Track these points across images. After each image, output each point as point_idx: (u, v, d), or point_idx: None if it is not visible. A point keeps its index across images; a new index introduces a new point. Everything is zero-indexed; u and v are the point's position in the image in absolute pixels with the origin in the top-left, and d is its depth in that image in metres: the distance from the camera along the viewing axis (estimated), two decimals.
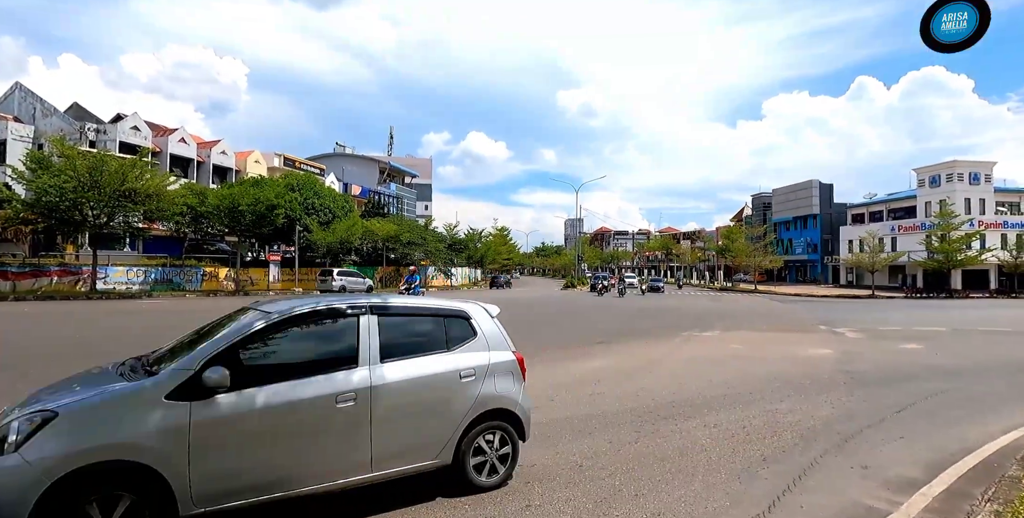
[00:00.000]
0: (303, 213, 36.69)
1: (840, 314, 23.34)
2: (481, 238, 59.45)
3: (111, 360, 4.15)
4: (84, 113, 39.65)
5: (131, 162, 26.54)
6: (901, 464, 4.96)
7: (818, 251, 65.39)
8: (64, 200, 24.51)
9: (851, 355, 11.50)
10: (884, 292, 43.53)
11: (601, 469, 4.68)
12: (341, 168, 63.25)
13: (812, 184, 66.15)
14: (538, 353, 11.14)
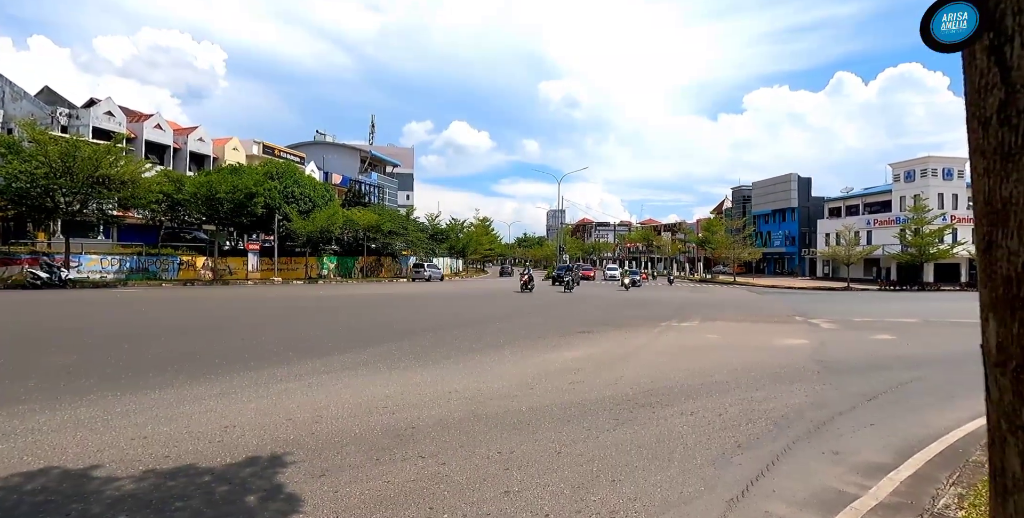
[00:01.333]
0: (283, 202, 36.24)
1: (816, 305, 23.74)
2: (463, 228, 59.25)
3: None
4: (56, 97, 38.64)
5: (105, 148, 25.97)
6: (871, 450, 5.09)
7: (796, 244, 66.32)
8: (35, 186, 23.95)
9: (825, 345, 11.72)
10: (859, 284, 44.34)
11: (579, 456, 4.73)
12: (322, 157, 62.53)
13: (791, 178, 66.93)
14: (519, 341, 11.19)
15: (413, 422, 5.56)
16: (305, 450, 4.69)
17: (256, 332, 11.83)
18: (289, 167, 40.98)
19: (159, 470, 4.18)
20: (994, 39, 0.89)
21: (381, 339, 11.10)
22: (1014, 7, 0.85)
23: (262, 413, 5.77)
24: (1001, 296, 0.91)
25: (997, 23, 0.88)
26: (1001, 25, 0.87)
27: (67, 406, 5.81)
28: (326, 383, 7.23)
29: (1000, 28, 0.88)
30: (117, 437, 4.90)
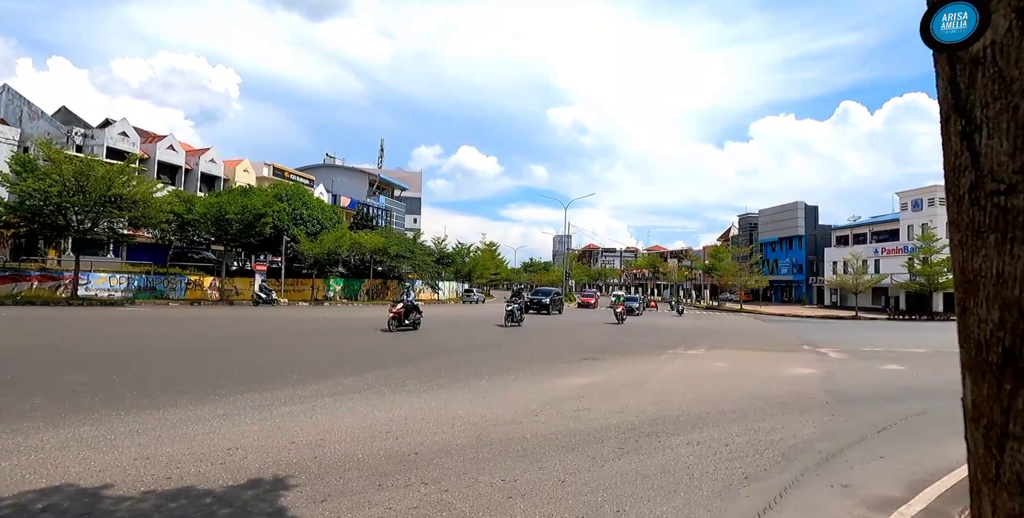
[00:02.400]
0: (291, 223, 36.52)
1: (824, 334, 23.54)
2: (469, 252, 59.40)
3: None
4: (72, 117, 39.40)
5: (118, 168, 26.35)
6: (881, 483, 5.00)
7: (803, 272, 66.06)
8: (48, 204, 24.26)
9: (834, 375, 11.59)
10: (867, 313, 43.98)
11: (583, 485, 4.67)
12: (331, 179, 63.19)
13: (797, 206, 67.03)
14: (524, 368, 11.13)
15: (416, 448, 5.51)
16: (307, 474, 4.65)
17: (260, 353, 11.82)
18: (298, 189, 41.40)
19: (161, 491, 4.15)
20: (965, 126, 0.96)
21: (385, 363, 11.06)
22: (983, 99, 0.93)
23: (265, 435, 5.74)
24: (974, 358, 0.99)
25: (968, 112, 0.96)
26: (971, 115, 0.95)
27: (71, 424, 5.80)
28: (330, 406, 7.20)
29: (970, 117, 0.95)
30: (120, 457, 4.88)
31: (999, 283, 0.91)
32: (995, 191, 0.92)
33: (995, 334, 0.93)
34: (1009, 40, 0.90)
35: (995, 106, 0.92)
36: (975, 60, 0.95)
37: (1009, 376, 0.92)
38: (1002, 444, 0.94)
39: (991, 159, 0.92)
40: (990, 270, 0.93)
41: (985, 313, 0.95)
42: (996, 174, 0.91)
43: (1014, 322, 0.90)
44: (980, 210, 0.94)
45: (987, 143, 0.93)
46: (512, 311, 21.96)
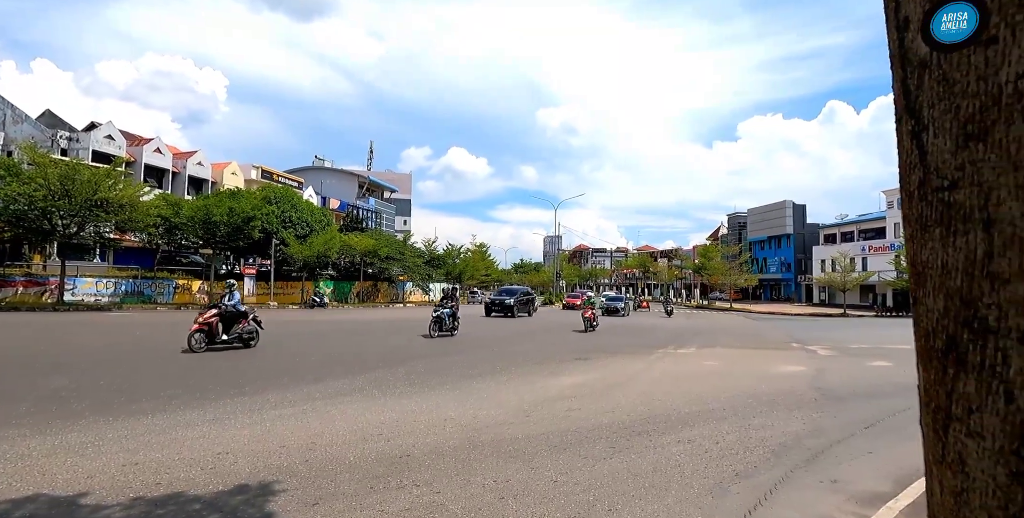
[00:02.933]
0: (280, 226, 36.32)
1: (812, 332, 23.72)
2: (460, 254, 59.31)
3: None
4: (56, 121, 38.99)
5: (104, 171, 26.09)
6: (869, 478, 5.05)
7: (792, 270, 66.53)
8: (33, 209, 23.97)
9: (823, 372, 11.68)
10: (855, 311, 44.38)
11: (575, 484, 4.68)
12: (320, 181, 62.89)
13: (786, 205, 67.50)
14: (515, 368, 11.13)
15: (408, 450, 5.50)
16: (298, 478, 4.63)
17: (249, 357, 11.75)
18: (287, 192, 41.17)
19: (149, 497, 4.12)
20: (915, 126, 1.02)
21: (376, 365, 11.03)
22: (930, 100, 0.99)
23: (255, 440, 5.71)
24: (923, 346, 1.05)
25: (917, 113, 1.02)
26: (920, 115, 1.01)
27: (58, 431, 5.74)
28: (320, 409, 7.17)
29: (919, 117, 1.01)
30: (108, 463, 4.83)
31: (943, 273, 0.97)
32: (939, 187, 0.97)
33: (940, 322, 0.99)
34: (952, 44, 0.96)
35: (940, 107, 0.97)
36: (923, 63, 1.01)
37: (952, 361, 0.97)
38: (947, 426, 1.00)
39: (936, 157, 0.98)
40: (936, 262, 0.99)
41: (932, 303, 1.01)
42: (941, 171, 0.97)
43: (956, 310, 0.95)
44: (927, 205, 1.00)
45: (933, 142, 0.98)
46: (440, 317, 17.50)
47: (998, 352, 0.90)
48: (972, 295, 0.93)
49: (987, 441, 0.92)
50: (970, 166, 0.93)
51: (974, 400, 0.94)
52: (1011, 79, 0.88)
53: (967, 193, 0.94)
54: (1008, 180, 0.88)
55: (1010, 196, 0.88)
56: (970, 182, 0.93)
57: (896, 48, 1.08)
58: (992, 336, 0.90)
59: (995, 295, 0.90)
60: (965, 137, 0.94)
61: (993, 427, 0.91)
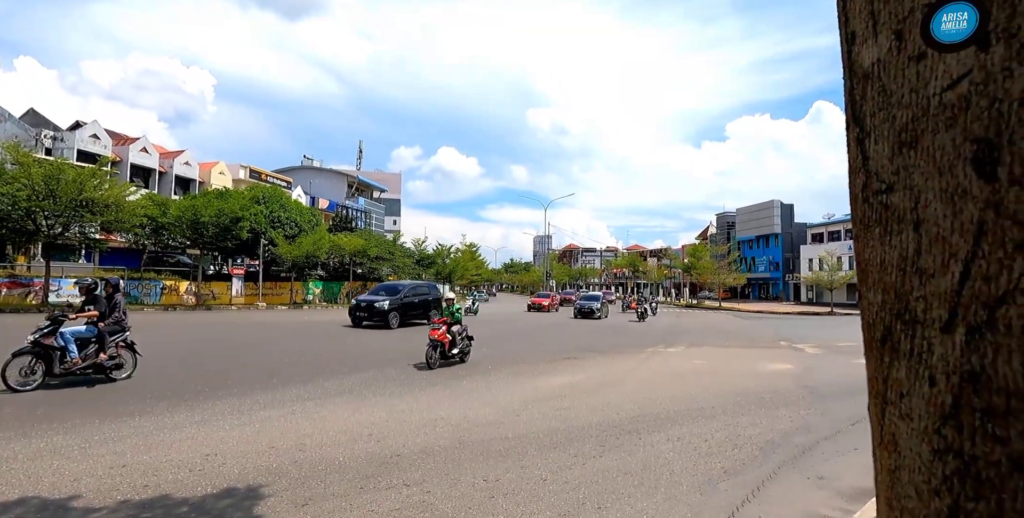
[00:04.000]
0: (268, 226, 36.08)
1: (800, 330, 23.92)
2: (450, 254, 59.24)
3: None
4: (40, 119, 38.50)
5: (90, 171, 25.76)
6: (855, 474, 5.11)
7: (780, 269, 67.02)
8: (17, 209, 23.64)
9: (810, 370, 11.79)
10: (843, 309, 44.76)
11: (565, 483, 4.70)
12: (309, 181, 62.56)
13: (774, 204, 67.97)
14: (504, 367, 11.14)
15: (398, 450, 5.50)
16: (288, 479, 4.62)
17: (239, 357, 11.67)
18: (276, 191, 40.90)
19: (137, 500, 4.09)
20: (859, 133, 1.10)
21: (366, 365, 11.00)
22: (872, 110, 1.06)
23: (244, 441, 5.68)
24: (867, 337, 1.14)
25: (861, 121, 1.09)
26: (863, 123, 1.08)
27: (43, 434, 5.68)
28: (310, 410, 7.14)
29: (863, 125, 1.09)
30: (95, 466, 4.79)
31: (881, 270, 1.06)
32: (879, 190, 1.06)
33: (878, 314, 1.08)
34: (890, 58, 1.03)
35: (880, 116, 1.05)
36: (866, 74, 1.09)
37: (887, 350, 1.06)
38: (883, 410, 1.08)
39: (876, 162, 1.06)
40: (876, 259, 1.07)
41: (872, 296, 1.10)
42: (880, 175, 1.05)
43: (891, 303, 1.04)
44: (869, 207, 1.08)
45: (874, 148, 1.06)
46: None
47: (924, 340, 0.97)
48: (904, 289, 1.01)
49: (914, 422, 0.99)
50: (904, 171, 1.01)
51: (904, 385, 1.02)
52: (937, 92, 0.96)
53: (901, 196, 1.01)
54: (935, 184, 0.96)
55: (936, 198, 0.95)
56: (904, 186, 1.01)
57: (846, 61, 1.16)
58: (919, 326, 0.98)
59: (922, 288, 0.98)
60: (900, 144, 1.01)
61: (919, 409, 0.98)
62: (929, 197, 0.97)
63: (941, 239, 0.95)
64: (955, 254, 0.93)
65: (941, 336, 0.94)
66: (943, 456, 0.94)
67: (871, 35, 1.07)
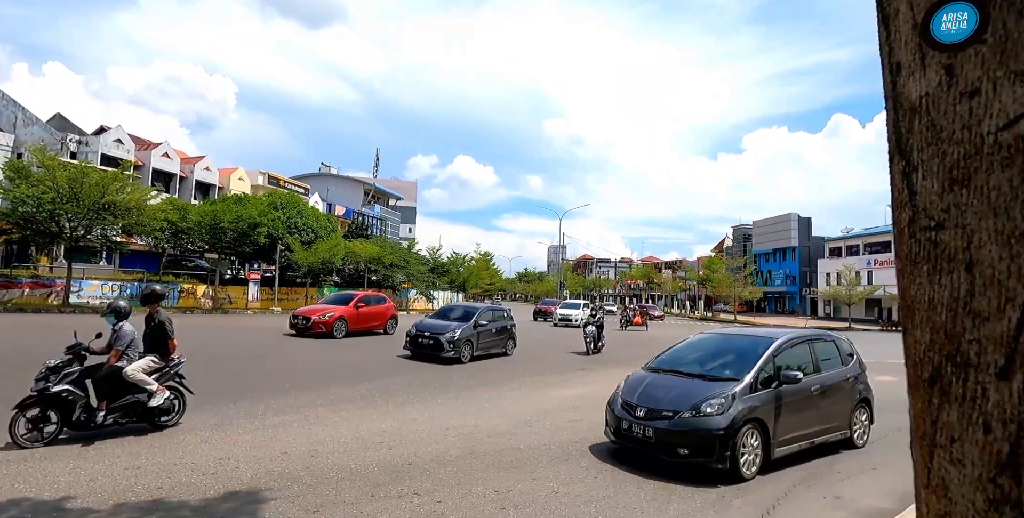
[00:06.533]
0: (285, 232, 36.41)
1: None
2: (464, 263, 59.37)
3: None
4: (67, 124, 39.31)
5: (112, 175, 26.23)
6: (873, 494, 5.01)
7: (797, 283, 66.28)
8: (41, 211, 24.10)
9: None
10: (860, 325, 44.12)
11: (577, 496, 4.66)
12: (326, 188, 63.13)
13: (791, 217, 67.38)
14: (517, 378, 11.10)
15: (409, 458, 5.49)
16: (300, 485, 4.63)
17: (254, 362, 11.74)
18: (293, 198, 41.32)
19: (149, 501, 4.12)
20: (905, 166, 1.08)
21: (378, 373, 11.02)
22: (919, 144, 1.04)
23: (257, 446, 5.70)
24: (912, 376, 1.13)
25: (908, 154, 1.07)
26: (910, 157, 1.06)
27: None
28: (323, 416, 7.16)
29: (909, 159, 1.06)
30: (110, 466, 4.84)
31: (930, 308, 1.03)
32: (927, 227, 1.03)
33: (926, 354, 1.05)
34: (940, 93, 1.01)
35: (928, 151, 1.03)
36: (913, 108, 1.06)
37: (936, 392, 1.03)
38: (932, 453, 1.05)
39: (925, 198, 1.04)
40: (923, 297, 1.04)
41: (920, 335, 1.07)
42: (928, 211, 1.03)
43: (941, 344, 1.01)
44: (916, 243, 1.06)
45: (922, 183, 1.04)
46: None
47: (977, 385, 0.94)
48: (955, 330, 0.98)
49: (967, 468, 0.96)
50: (955, 209, 0.98)
51: (956, 430, 0.98)
52: (992, 130, 0.93)
53: (952, 234, 0.99)
54: (988, 224, 0.93)
55: (990, 240, 0.93)
56: (955, 224, 0.98)
57: (889, 91, 1.13)
58: (972, 370, 0.95)
59: (976, 331, 0.95)
60: (951, 181, 0.99)
61: (973, 456, 0.95)
62: (983, 238, 0.94)
63: (996, 282, 0.92)
64: (1012, 299, 0.90)
65: (997, 382, 0.92)
66: (999, 506, 0.91)
67: (919, 68, 1.04)
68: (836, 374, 6.67)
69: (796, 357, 6.36)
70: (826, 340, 7.26)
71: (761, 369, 5.82)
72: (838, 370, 6.78)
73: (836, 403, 6.48)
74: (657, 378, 6.43)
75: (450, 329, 13.61)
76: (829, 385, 6.41)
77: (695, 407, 5.41)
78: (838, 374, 6.70)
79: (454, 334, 13.36)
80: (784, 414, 5.70)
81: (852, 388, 6.85)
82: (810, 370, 6.30)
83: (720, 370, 6.20)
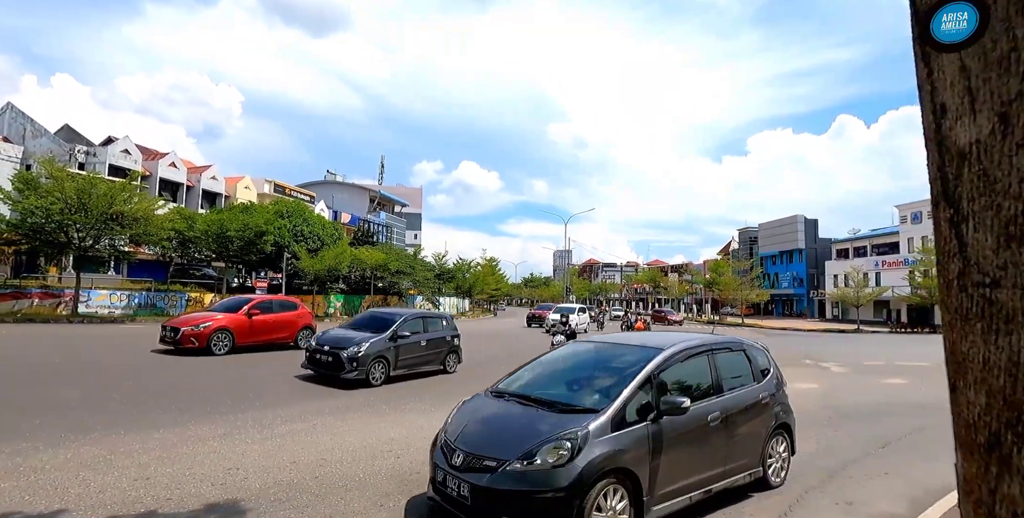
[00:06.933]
0: (292, 240, 36.58)
1: (825, 348, 23.45)
2: (470, 268, 59.44)
3: None
4: (74, 135, 39.67)
5: (120, 185, 26.44)
6: (885, 500, 4.97)
7: (804, 285, 65.99)
8: (50, 222, 24.30)
9: (836, 390, 11.54)
10: (869, 326, 43.85)
11: None
12: (331, 196, 63.41)
13: (797, 219, 67.17)
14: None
15: (418, 467, 5.48)
16: (309, 494, 4.63)
17: (262, 371, 11.76)
18: (299, 206, 41.51)
19: (159, 513, 4.13)
20: (954, 215, 1.02)
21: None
22: (969, 193, 0.99)
23: (266, 455, 5.71)
24: (963, 436, 1.05)
25: (956, 202, 1.01)
26: (959, 205, 1.00)
27: (71, 444, 5.77)
28: (331, 425, 7.17)
29: (958, 207, 1.01)
30: (119, 477, 4.85)
31: (985, 370, 0.97)
32: (981, 283, 0.97)
33: (982, 417, 0.99)
34: (993, 142, 0.95)
35: (980, 201, 0.97)
36: (962, 154, 1.00)
37: (995, 460, 0.97)
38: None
39: (977, 251, 0.98)
40: (977, 356, 0.98)
41: (973, 396, 1.01)
42: (982, 266, 0.97)
43: (999, 409, 0.95)
44: (968, 298, 0.99)
45: (974, 235, 0.98)
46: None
47: None
48: (1017, 397, 0.93)
49: None
50: (1013, 267, 0.93)
51: (1019, 504, 0.93)
52: None
53: (1010, 294, 0.93)
54: None
55: None
56: (1013, 283, 0.92)
57: (933, 132, 1.07)
58: None
59: None
60: (1007, 237, 0.93)
61: None
62: None
63: None
64: None
65: None
66: None
67: (967, 112, 0.98)
68: (746, 395, 5.11)
69: (689, 375, 4.82)
70: (734, 350, 5.60)
71: (632, 396, 4.19)
72: (748, 389, 5.20)
73: (745, 434, 4.94)
74: (496, 407, 4.66)
75: (354, 342, 10.67)
76: (736, 410, 4.87)
77: (528, 454, 3.81)
78: (748, 395, 5.15)
79: (358, 349, 10.46)
80: (666, 457, 4.12)
81: (767, 412, 5.30)
82: (709, 392, 4.83)
83: (582, 396, 4.60)
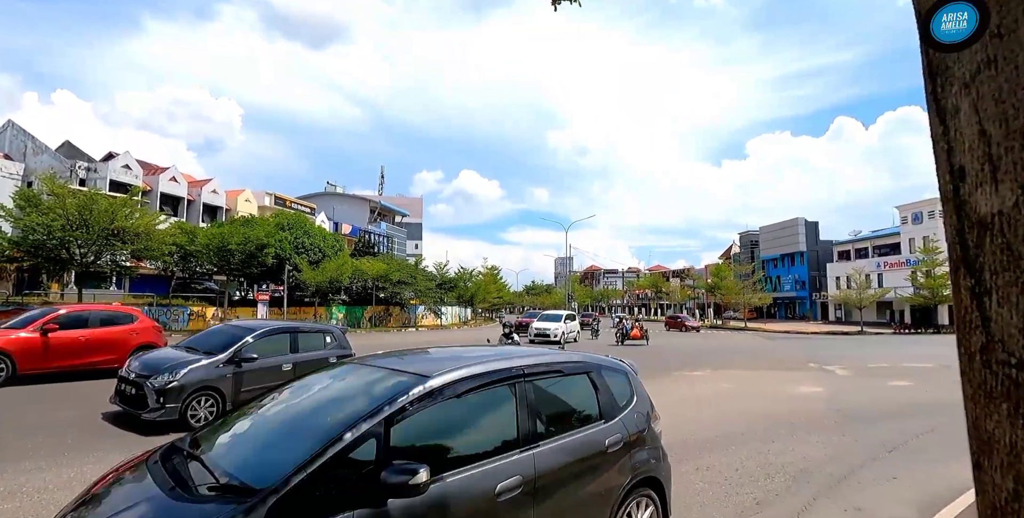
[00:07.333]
0: (293, 252, 36.64)
1: (829, 351, 23.37)
2: (471, 277, 59.41)
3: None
4: (75, 151, 39.86)
5: (121, 201, 26.54)
6: (894, 505, 4.93)
7: (806, 288, 65.90)
8: (52, 238, 24.38)
9: (841, 393, 11.48)
10: (872, 328, 43.73)
11: None
12: (332, 207, 63.57)
13: (798, 222, 67.18)
14: None
15: None
16: None
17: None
18: (300, 218, 41.61)
19: None
20: (975, 286, 0.96)
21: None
22: (992, 266, 0.93)
23: None
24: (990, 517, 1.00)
25: (978, 273, 0.95)
26: (981, 276, 0.95)
27: (74, 463, 5.74)
28: None
29: (980, 278, 0.95)
30: None
31: (1012, 454, 0.92)
32: (1006, 362, 0.92)
33: (1010, 504, 0.94)
34: (1017, 215, 0.90)
35: (1004, 276, 0.91)
36: (983, 223, 0.95)
37: None
38: None
39: (1001, 328, 0.92)
40: (1004, 438, 0.93)
41: (1000, 479, 0.96)
42: (1007, 345, 0.91)
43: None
44: (992, 375, 0.94)
45: (997, 310, 0.93)
46: None
47: None
48: None
49: None
50: None
51: None
52: None
53: None
54: None
55: None
56: None
57: (949, 194, 1.03)
58: None
59: None
60: None
61: None
62: None
63: None
64: None
65: None
66: None
67: (988, 180, 0.93)
68: (580, 443, 3.34)
69: (466, 419, 3.09)
70: (567, 374, 3.69)
71: (333, 462, 2.40)
72: (586, 434, 3.44)
73: (575, 504, 3.22)
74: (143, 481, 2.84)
75: (167, 367, 7.71)
76: (556, 470, 3.10)
77: None
78: (585, 443, 3.38)
79: (171, 377, 7.50)
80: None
81: (618, 465, 3.55)
82: (507, 446, 2.98)
83: (257, 464, 2.70)
